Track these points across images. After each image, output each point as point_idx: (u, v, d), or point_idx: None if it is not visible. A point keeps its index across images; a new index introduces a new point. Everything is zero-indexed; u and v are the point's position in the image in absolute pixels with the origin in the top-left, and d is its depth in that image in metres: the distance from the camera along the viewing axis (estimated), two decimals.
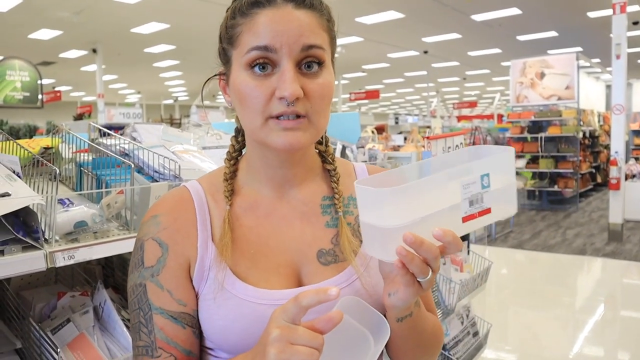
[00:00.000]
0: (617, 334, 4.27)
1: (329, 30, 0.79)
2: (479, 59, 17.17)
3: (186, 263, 0.81)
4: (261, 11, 0.74)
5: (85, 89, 22.42)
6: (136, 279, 0.81)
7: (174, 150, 1.57)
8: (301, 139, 0.76)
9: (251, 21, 0.75)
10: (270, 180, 0.85)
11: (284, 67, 0.73)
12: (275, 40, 0.72)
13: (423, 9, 10.77)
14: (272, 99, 0.74)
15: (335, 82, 0.84)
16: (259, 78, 0.74)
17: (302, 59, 0.74)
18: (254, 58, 0.74)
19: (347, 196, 0.89)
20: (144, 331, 0.79)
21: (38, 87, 11.74)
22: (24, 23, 11.18)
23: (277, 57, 0.73)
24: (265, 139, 0.77)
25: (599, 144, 12.18)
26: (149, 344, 0.78)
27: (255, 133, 0.77)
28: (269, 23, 0.73)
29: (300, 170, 0.86)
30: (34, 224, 1.13)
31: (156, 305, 0.79)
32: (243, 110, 0.78)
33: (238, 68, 0.77)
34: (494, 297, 5.02)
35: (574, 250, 6.89)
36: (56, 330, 1.30)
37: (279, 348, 0.61)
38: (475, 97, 31.28)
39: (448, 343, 2.25)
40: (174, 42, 13.66)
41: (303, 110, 0.75)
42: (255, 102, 0.75)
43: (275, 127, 0.75)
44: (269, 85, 0.74)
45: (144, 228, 0.83)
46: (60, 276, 1.64)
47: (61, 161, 1.56)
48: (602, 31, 12.21)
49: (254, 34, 0.74)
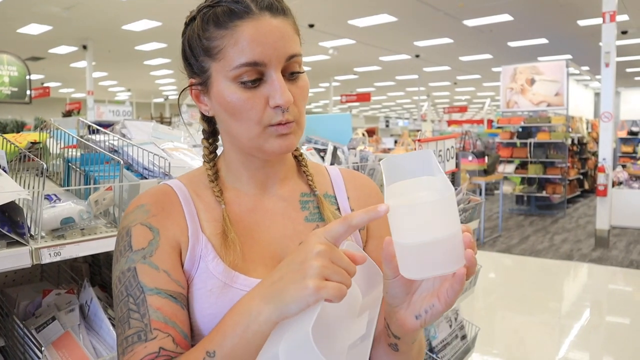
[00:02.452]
0: (602, 340, 4.30)
1: (297, 33, 0.82)
2: (470, 64, 17.27)
3: (178, 248, 0.80)
4: (241, 23, 0.76)
5: (75, 85, 22.25)
6: (123, 265, 0.77)
7: (164, 147, 1.55)
8: (294, 142, 0.81)
9: (234, 35, 0.76)
10: (252, 179, 0.88)
11: (274, 77, 0.76)
12: (264, 55, 0.75)
13: (416, 13, 10.82)
14: (267, 108, 0.77)
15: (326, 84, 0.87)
16: (250, 90, 0.77)
17: (286, 67, 0.78)
18: (242, 73, 0.76)
19: (323, 193, 0.93)
20: (134, 317, 0.74)
21: (26, 83, 11.61)
22: (13, 17, 11.06)
23: (265, 68, 0.76)
24: (262, 146, 0.80)
25: (587, 150, 12.29)
26: (142, 328, 0.73)
27: (252, 141, 0.80)
28: (254, 38, 0.75)
29: (281, 168, 0.90)
30: (20, 219, 1.11)
31: (150, 287, 0.75)
32: (236, 122, 0.79)
33: (223, 80, 0.78)
34: (481, 300, 5.03)
35: (561, 255, 6.93)
36: (41, 329, 1.27)
37: (324, 262, 0.61)
38: (466, 101, 31.48)
39: (436, 346, 2.25)
40: (165, 41, 13.59)
41: (292, 116, 0.79)
42: (251, 113, 0.77)
43: (273, 133, 0.79)
44: (261, 96, 0.77)
45: (130, 216, 0.81)
46: (45, 273, 1.62)
47: (48, 156, 1.54)
48: (591, 39, 12.34)
49: (240, 51, 0.75)
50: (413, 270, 0.62)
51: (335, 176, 0.97)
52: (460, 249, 0.61)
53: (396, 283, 0.68)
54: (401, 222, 0.61)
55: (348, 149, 2.09)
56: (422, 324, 0.68)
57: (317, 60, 15.84)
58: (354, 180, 0.97)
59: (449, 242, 0.60)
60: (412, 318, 0.69)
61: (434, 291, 0.67)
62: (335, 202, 0.93)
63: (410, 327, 0.69)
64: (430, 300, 0.67)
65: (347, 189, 0.95)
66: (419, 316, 0.68)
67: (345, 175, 0.98)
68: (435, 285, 0.67)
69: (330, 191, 0.94)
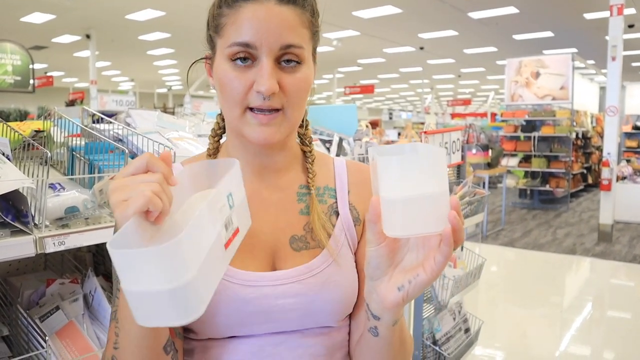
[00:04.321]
0: (603, 334, 4.30)
1: (310, 26, 0.82)
2: (474, 56, 17.18)
3: None
4: (245, 5, 0.77)
5: (78, 75, 22.21)
6: None
7: (169, 137, 1.54)
8: (276, 134, 0.79)
9: (235, 14, 0.77)
10: (249, 165, 0.88)
11: (263, 62, 0.76)
12: (256, 38, 0.75)
13: (420, 5, 10.74)
14: (251, 91, 0.77)
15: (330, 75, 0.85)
16: (239, 69, 0.77)
17: (281, 55, 0.77)
18: (235, 52, 0.77)
19: (324, 186, 0.92)
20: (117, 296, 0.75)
21: (30, 72, 11.60)
22: (17, 6, 11.02)
23: (257, 52, 0.76)
24: (242, 130, 0.80)
25: (591, 145, 12.24)
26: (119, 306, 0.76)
27: (233, 122, 0.81)
28: (251, 20, 0.76)
29: (279, 158, 0.89)
30: (24, 208, 1.10)
31: None
32: (223, 99, 0.81)
33: (221, 57, 0.80)
34: (483, 294, 5.03)
35: (564, 249, 6.92)
36: (44, 318, 1.27)
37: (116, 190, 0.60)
38: (470, 94, 31.35)
39: (440, 339, 2.25)
40: (169, 30, 13.54)
41: (279, 104, 0.78)
42: (234, 92, 0.78)
43: (251, 120, 0.79)
44: (248, 77, 0.77)
45: None
46: (49, 263, 1.61)
47: (52, 145, 1.53)
48: (597, 33, 12.25)
49: (236, 29, 0.77)
50: (398, 227, 0.61)
51: (340, 169, 0.95)
52: (446, 209, 0.60)
53: (380, 251, 0.66)
54: (389, 177, 0.60)
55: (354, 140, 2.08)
56: (404, 297, 0.65)
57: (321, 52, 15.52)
58: (359, 174, 0.95)
59: (437, 200, 0.60)
60: (395, 290, 0.66)
61: (418, 263, 0.65)
62: (335, 195, 0.91)
63: (392, 301, 0.66)
64: (415, 270, 0.64)
65: (350, 183, 0.93)
66: (401, 287, 0.65)
67: (350, 168, 0.96)
68: (419, 258, 0.65)
69: (331, 184, 0.93)
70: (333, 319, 0.85)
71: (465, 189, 2.35)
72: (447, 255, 0.62)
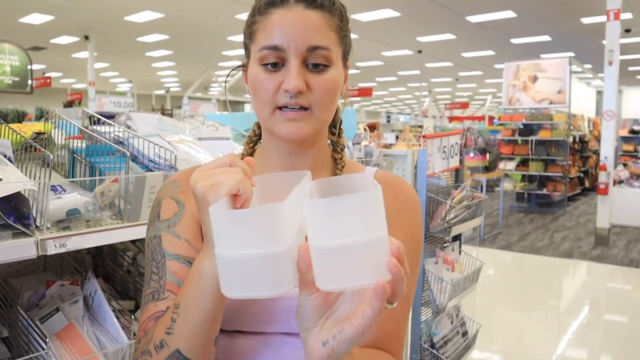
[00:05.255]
0: (600, 337, 4.31)
1: (338, 30, 0.85)
2: (472, 60, 17.22)
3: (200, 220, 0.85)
4: (275, 11, 0.81)
5: (76, 76, 22.17)
6: (151, 232, 0.87)
7: (170, 140, 1.55)
8: (303, 129, 0.82)
9: (266, 20, 0.82)
10: (279, 167, 0.90)
11: (291, 63, 0.80)
12: (284, 41, 0.79)
13: (419, 9, 10.77)
14: (279, 91, 0.81)
15: None
16: (269, 72, 0.82)
17: (309, 57, 0.81)
18: (265, 55, 0.81)
19: None
20: (154, 279, 0.82)
21: (28, 72, 11.56)
22: (15, 6, 11.01)
23: (286, 55, 0.80)
24: (272, 128, 0.84)
25: (588, 149, 12.29)
26: (157, 289, 0.81)
27: (265, 122, 0.85)
28: (280, 24, 0.80)
29: (308, 160, 0.91)
30: (25, 210, 1.10)
31: (171, 252, 0.83)
32: (255, 101, 0.85)
33: (253, 62, 0.84)
34: (481, 297, 5.04)
35: (561, 253, 6.94)
36: (44, 320, 1.27)
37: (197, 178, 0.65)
38: (467, 98, 31.40)
39: (437, 342, 2.25)
40: (167, 32, 13.54)
41: (306, 102, 0.82)
42: (264, 93, 0.82)
43: (280, 117, 0.83)
44: (277, 79, 0.81)
45: (163, 190, 0.92)
46: (49, 264, 1.62)
47: (53, 147, 1.53)
48: (594, 37, 12.29)
49: (267, 34, 0.81)
50: (330, 280, 0.54)
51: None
52: (385, 257, 0.53)
53: (311, 302, 0.59)
54: (318, 221, 0.54)
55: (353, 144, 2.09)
56: (329, 354, 0.58)
57: None
58: (386, 184, 0.91)
59: (373, 247, 0.53)
60: (320, 345, 0.59)
61: (348, 314, 0.58)
62: None
63: (318, 357, 0.59)
64: (341, 324, 0.58)
65: None
66: (326, 343, 0.59)
67: (378, 177, 0.96)
68: (352, 309, 0.58)
69: None
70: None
71: (463, 192, 2.36)
72: (377, 312, 0.55)
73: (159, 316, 0.78)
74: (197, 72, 18.96)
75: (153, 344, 0.73)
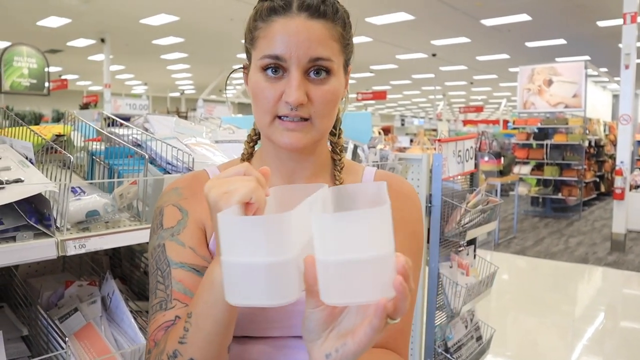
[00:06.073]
0: (616, 344, 4.26)
1: (341, 39, 0.85)
2: (486, 63, 17.14)
3: (204, 228, 0.87)
4: (277, 19, 0.81)
5: (92, 78, 22.43)
6: (155, 241, 0.86)
7: (187, 142, 1.56)
8: (302, 139, 0.83)
9: (268, 28, 0.82)
10: (279, 171, 0.91)
11: (292, 74, 0.80)
12: (285, 51, 0.79)
13: (433, 12, 10.75)
14: (280, 101, 0.81)
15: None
16: (270, 80, 0.81)
17: (310, 67, 0.81)
18: (266, 64, 0.81)
19: None
20: (160, 289, 0.82)
21: (45, 75, 11.72)
22: (33, 10, 11.17)
23: (287, 64, 0.80)
24: (271, 136, 0.84)
25: (604, 153, 12.15)
26: (164, 298, 0.81)
27: (264, 129, 0.85)
28: (282, 33, 0.80)
29: (308, 164, 0.91)
30: (46, 211, 1.12)
31: (176, 261, 0.82)
32: (255, 107, 0.85)
33: (254, 68, 0.84)
34: (495, 302, 5.01)
35: (576, 258, 6.87)
36: (63, 319, 1.29)
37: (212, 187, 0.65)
38: (482, 101, 31.24)
39: (452, 347, 2.24)
40: (182, 35, 13.65)
41: (307, 113, 0.82)
42: (265, 102, 0.82)
43: (279, 127, 0.83)
44: (278, 88, 0.81)
45: (165, 197, 0.91)
46: (67, 265, 1.64)
47: (72, 149, 1.56)
48: (610, 41, 12.18)
49: (268, 42, 0.81)
50: (335, 294, 0.54)
51: (367, 177, 0.97)
52: (392, 274, 0.53)
53: (317, 315, 0.60)
54: (324, 235, 0.54)
55: (368, 148, 2.09)
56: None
57: None
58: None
59: (380, 263, 0.52)
60: (323, 357, 0.60)
61: (352, 329, 0.59)
62: None
63: None
64: (345, 337, 0.58)
65: None
66: (328, 355, 0.59)
67: (377, 177, 0.97)
68: (357, 322, 0.58)
69: None
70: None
71: (478, 197, 2.35)
72: (376, 329, 0.55)
73: (168, 326, 0.78)
74: (212, 74, 19.08)
75: (166, 354, 0.73)
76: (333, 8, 0.83)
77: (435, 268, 2.35)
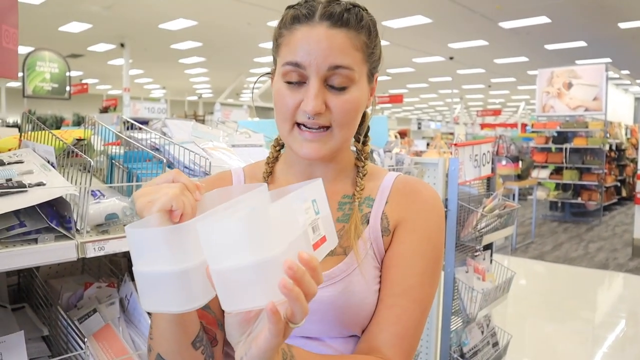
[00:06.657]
0: (637, 352, 4.18)
1: (364, 48, 0.85)
2: (505, 66, 17.00)
3: None
4: (300, 27, 0.82)
5: (112, 82, 22.73)
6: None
7: (204, 147, 1.58)
8: (321, 150, 0.84)
9: (290, 35, 0.83)
10: (301, 174, 0.93)
11: (311, 83, 0.81)
12: (305, 59, 0.80)
13: (450, 15, 10.70)
14: (299, 109, 0.83)
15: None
16: (291, 88, 0.83)
17: (329, 76, 0.82)
18: (287, 71, 0.83)
19: (366, 197, 0.94)
20: None
21: (66, 79, 11.94)
22: (55, 15, 11.37)
23: (307, 73, 0.81)
24: (291, 145, 0.86)
25: (625, 157, 11.96)
26: None
27: (284, 137, 0.88)
28: (303, 41, 0.81)
29: (329, 169, 0.93)
30: (67, 214, 1.14)
31: None
32: (276, 113, 0.87)
33: (278, 75, 0.86)
34: (512, 307, 4.95)
35: (596, 264, 6.77)
36: (82, 320, 1.31)
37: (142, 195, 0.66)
38: (500, 105, 30.97)
39: (467, 352, 2.23)
40: (200, 40, 13.78)
41: (326, 121, 0.83)
42: (284, 109, 0.84)
43: (298, 136, 0.85)
44: (297, 96, 0.83)
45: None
46: (87, 266, 1.67)
47: (92, 153, 1.58)
48: (632, 42, 12.01)
49: (290, 50, 0.83)
50: (225, 301, 0.53)
51: (387, 182, 0.96)
52: (276, 278, 0.51)
53: (231, 319, 0.62)
54: (212, 244, 0.53)
55: (384, 152, 2.09)
56: None
57: None
58: (404, 188, 0.94)
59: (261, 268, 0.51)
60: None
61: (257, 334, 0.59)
62: (372, 205, 0.93)
63: None
64: (251, 343, 0.59)
65: (391, 194, 0.93)
66: (241, 358, 0.60)
67: (397, 181, 0.96)
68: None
69: (373, 194, 0.94)
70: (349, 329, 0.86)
71: (495, 201, 2.34)
72: (274, 334, 0.54)
73: None
74: (229, 78, 19.21)
75: (148, 346, 0.81)
76: (357, 17, 0.84)
77: (451, 273, 2.34)
